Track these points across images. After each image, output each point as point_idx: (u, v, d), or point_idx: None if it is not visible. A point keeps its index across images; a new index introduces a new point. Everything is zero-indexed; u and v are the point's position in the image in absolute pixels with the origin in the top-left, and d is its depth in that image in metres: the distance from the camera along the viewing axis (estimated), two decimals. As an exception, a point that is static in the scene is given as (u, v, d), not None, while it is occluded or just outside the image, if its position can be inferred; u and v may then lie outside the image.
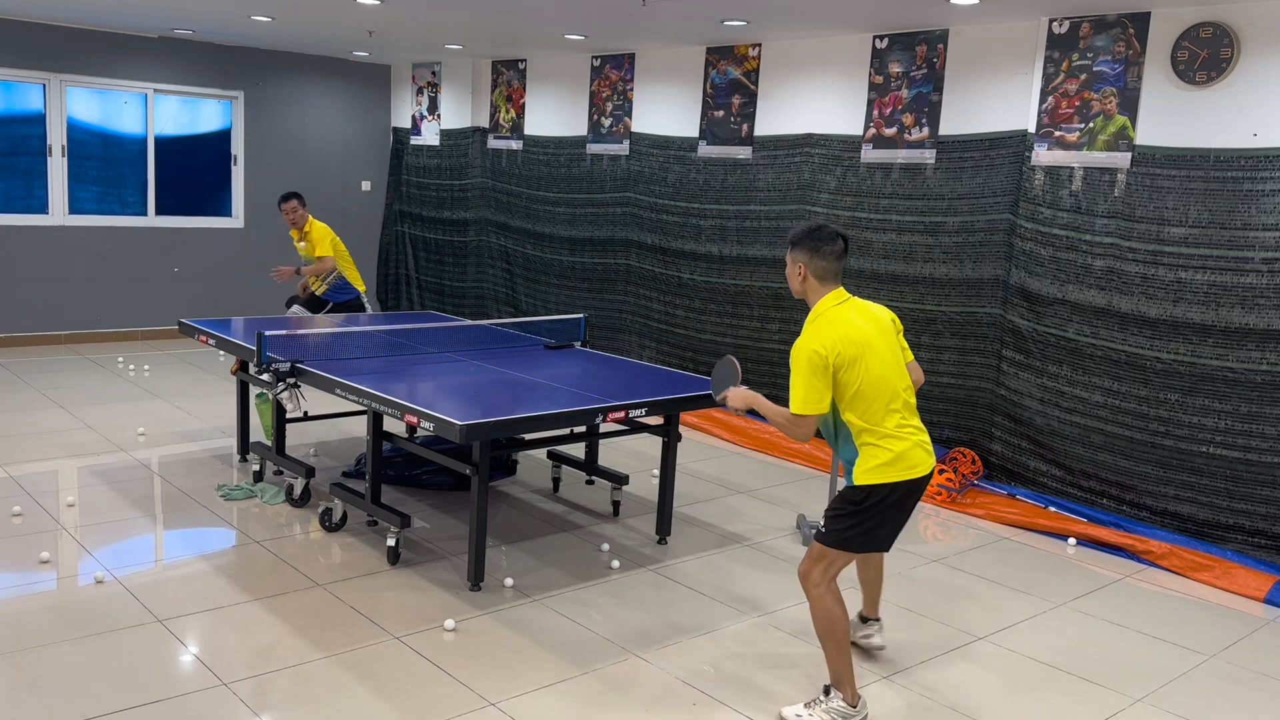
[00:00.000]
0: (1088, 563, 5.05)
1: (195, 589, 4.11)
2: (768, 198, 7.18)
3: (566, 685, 3.50)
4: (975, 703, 3.55)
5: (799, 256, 3.34)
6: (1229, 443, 5.03)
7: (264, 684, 3.40)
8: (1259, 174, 4.88)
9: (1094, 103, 5.46)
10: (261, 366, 4.77)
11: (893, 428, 3.27)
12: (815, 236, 3.33)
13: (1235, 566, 4.86)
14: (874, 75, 6.53)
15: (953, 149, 6.14)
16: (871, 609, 3.89)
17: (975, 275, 6.06)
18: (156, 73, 9.17)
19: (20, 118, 8.68)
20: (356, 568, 4.42)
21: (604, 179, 8.43)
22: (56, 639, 3.62)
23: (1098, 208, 5.44)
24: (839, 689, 3.33)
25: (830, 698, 3.33)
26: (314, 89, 10.11)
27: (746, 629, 4.03)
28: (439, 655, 3.66)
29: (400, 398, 4.14)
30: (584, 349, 5.73)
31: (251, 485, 5.38)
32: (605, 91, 8.39)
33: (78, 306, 9.02)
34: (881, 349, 3.31)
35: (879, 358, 3.29)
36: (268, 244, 9.92)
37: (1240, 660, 4.03)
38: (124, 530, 4.72)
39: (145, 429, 6.36)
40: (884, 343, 3.35)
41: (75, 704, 3.20)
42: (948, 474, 5.86)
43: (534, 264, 9.13)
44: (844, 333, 3.25)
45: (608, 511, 5.36)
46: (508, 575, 4.39)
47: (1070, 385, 5.62)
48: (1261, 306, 4.89)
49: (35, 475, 5.40)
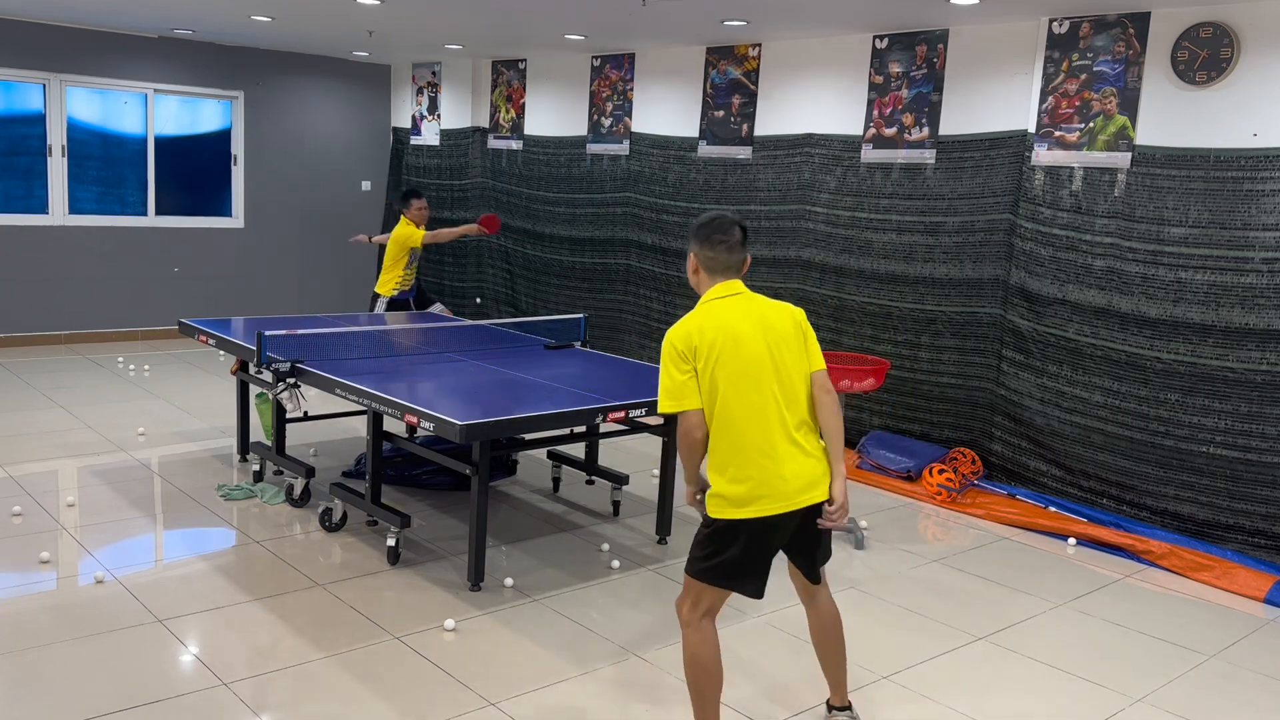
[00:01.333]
0: (1088, 563, 5.05)
1: (195, 589, 4.11)
2: (768, 198, 7.18)
3: (566, 685, 3.50)
4: (975, 703, 3.55)
5: (692, 247, 3.04)
6: (1229, 443, 5.03)
7: (264, 684, 3.40)
8: (1259, 174, 4.88)
9: (1094, 103, 5.46)
10: (262, 366, 4.77)
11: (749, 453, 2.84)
12: (708, 227, 3.00)
13: (1235, 566, 4.86)
14: (874, 75, 6.53)
15: (953, 149, 6.14)
16: (838, 695, 3.26)
17: (975, 275, 6.06)
18: (156, 73, 9.17)
19: (20, 118, 8.68)
20: (356, 568, 4.42)
21: (604, 179, 8.43)
22: (56, 639, 3.63)
23: (1098, 208, 5.44)
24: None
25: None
26: (314, 89, 10.11)
27: (746, 629, 4.03)
28: (439, 655, 3.66)
29: (400, 398, 4.14)
30: (584, 349, 5.73)
31: (251, 485, 5.38)
32: (605, 91, 8.40)
33: (78, 306, 9.02)
34: (751, 350, 2.88)
35: (745, 357, 2.86)
36: (268, 244, 9.94)
37: (1240, 660, 4.03)
38: (124, 530, 4.72)
39: (145, 429, 6.36)
40: (760, 345, 2.89)
41: (75, 704, 3.20)
42: (948, 474, 5.86)
43: (534, 264, 9.13)
44: (701, 323, 2.89)
45: (608, 511, 5.36)
46: (508, 575, 4.39)
47: (1070, 385, 5.62)
48: (1261, 306, 4.89)
49: (35, 475, 5.40)
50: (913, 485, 5.98)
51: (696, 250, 3.03)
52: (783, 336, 2.95)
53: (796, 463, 2.88)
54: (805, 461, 2.90)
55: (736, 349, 2.88)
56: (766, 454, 2.85)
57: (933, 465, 5.95)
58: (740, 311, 2.94)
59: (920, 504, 5.81)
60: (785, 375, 2.92)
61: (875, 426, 6.60)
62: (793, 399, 2.92)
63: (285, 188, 10.02)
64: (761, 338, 2.91)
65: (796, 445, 2.89)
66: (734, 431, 2.86)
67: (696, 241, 3.03)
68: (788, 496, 2.85)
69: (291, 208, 10.09)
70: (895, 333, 6.43)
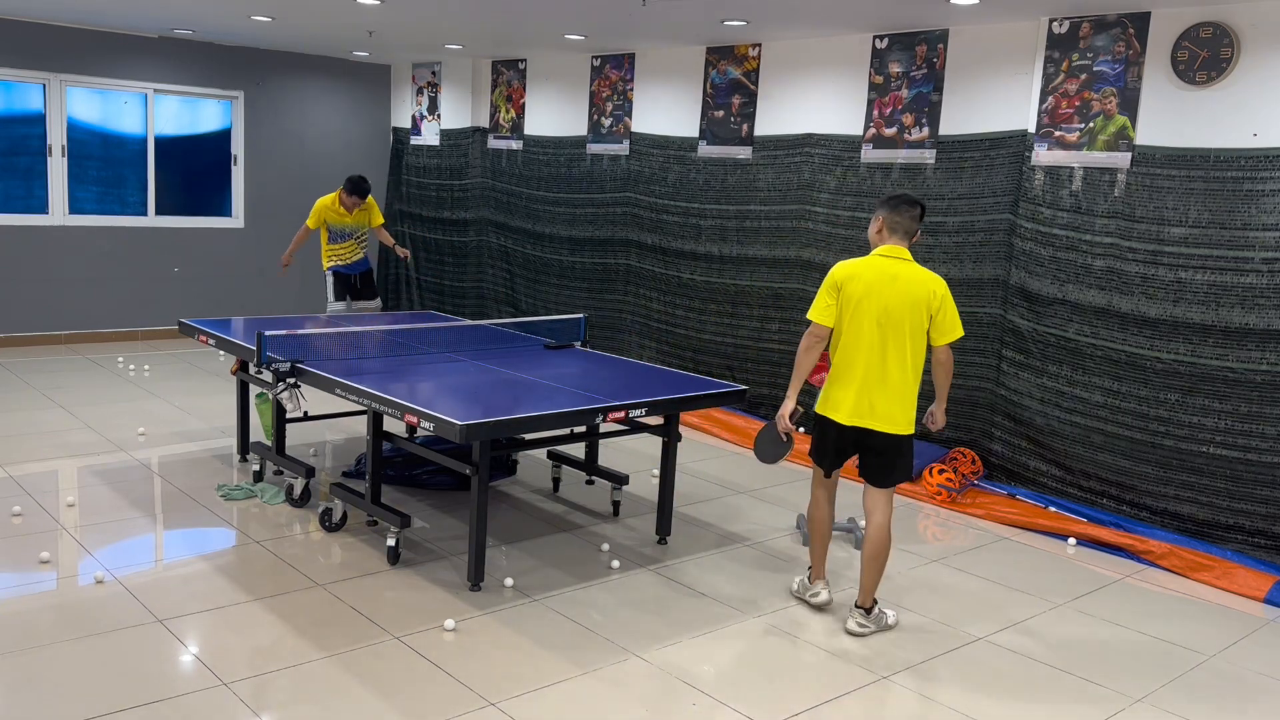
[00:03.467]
0: (1088, 563, 5.05)
1: (195, 589, 4.11)
2: (768, 198, 7.18)
3: (566, 685, 3.50)
4: (975, 703, 3.55)
5: (881, 211, 3.95)
6: (1229, 443, 5.03)
7: (264, 684, 3.40)
8: (1259, 174, 4.88)
9: (1094, 103, 5.46)
10: (262, 366, 4.77)
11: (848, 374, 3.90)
12: (898, 198, 3.95)
13: (1235, 566, 4.86)
14: (874, 75, 6.53)
15: (953, 149, 6.14)
16: (863, 596, 4.06)
17: (975, 275, 6.06)
18: (156, 73, 9.17)
19: (20, 118, 8.68)
20: (356, 568, 4.42)
21: (604, 179, 8.43)
22: (56, 639, 3.62)
23: (1098, 208, 5.44)
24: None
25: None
26: (314, 89, 10.11)
27: (746, 629, 4.03)
28: (439, 655, 3.66)
29: (400, 398, 4.14)
30: (584, 349, 5.73)
31: (251, 485, 5.38)
32: (605, 91, 8.40)
33: (78, 306, 9.02)
34: (878, 305, 3.83)
35: (874, 307, 3.83)
36: (268, 244, 9.93)
37: (1240, 660, 4.03)
38: (124, 530, 4.72)
39: (145, 429, 6.36)
40: (887, 302, 3.82)
41: (75, 704, 3.20)
42: (947, 474, 5.86)
43: (534, 264, 9.13)
44: (859, 270, 3.88)
45: (608, 511, 5.36)
46: (508, 575, 4.39)
47: (1070, 385, 5.62)
48: (1261, 306, 4.89)
49: (35, 475, 5.40)
50: (913, 485, 5.98)
51: (886, 214, 3.94)
52: (912, 301, 3.84)
53: (874, 395, 3.88)
54: (881, 397, 3.88)
55: (870, 298, 3.84)
56: (858, 379, 3.89)
57: (933, 465, 5.95)
58: (890, 272, 3.86)
59: (920, 504, 5.81)
60: (897, 331, 3.84)
61: (875, 426, 6.59)
62: (899, 350, 3.86)
63: (285, 188, 10.02)
64: (894, 296, 3.83)
65: (883, 384, 3.87)
66: (844, 355, 3.93)
67: (887, 208, 3.95)
68: (858, 414, 3.91)
69: (291, 208, 10.07)
70: (895, 333, 6.43)
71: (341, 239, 7.48)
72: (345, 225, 7.45)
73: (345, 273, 7.56)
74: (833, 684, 3.61)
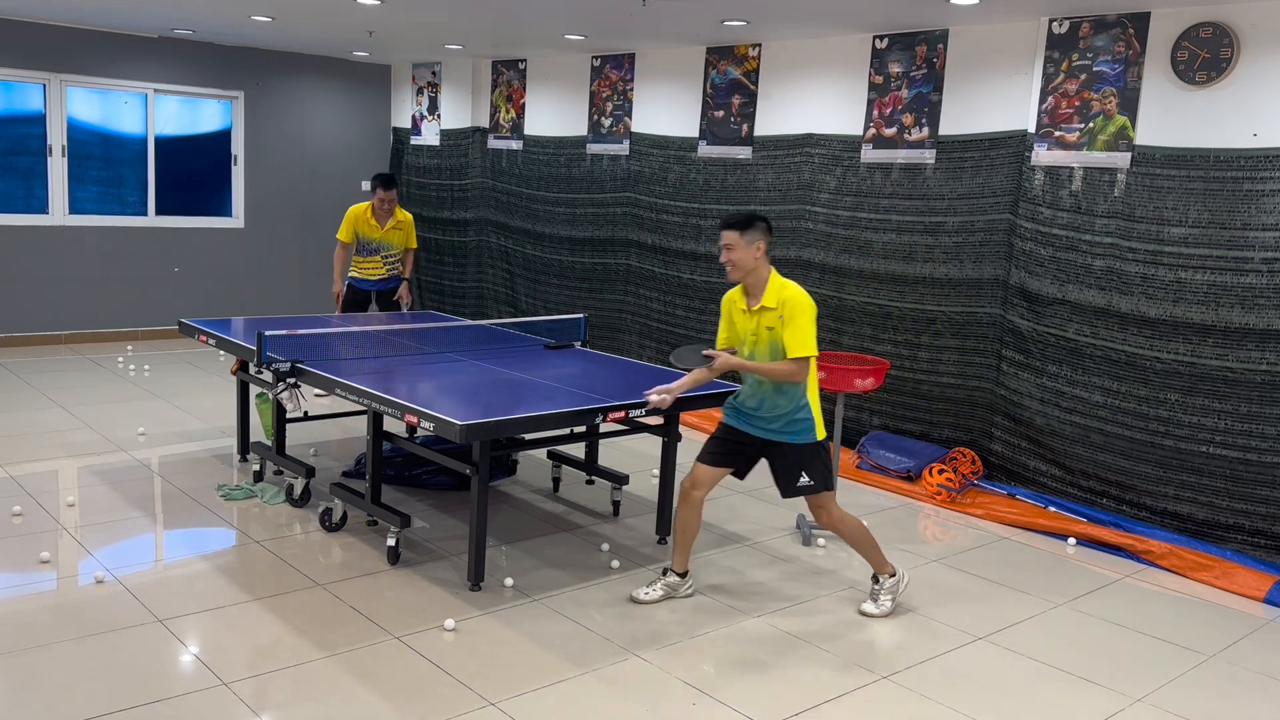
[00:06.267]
0: (1088, 563, 5.05)
1: (195, 589, 4.11)
2: (768, 198, 7.18)
3: (566, 685, 3.50)
4: (975, 703, 3.55)
5: (762, 236, 3.96)
6: (1229, 443, 5.04)
7: (264, 684, 3.40)
8: (1259, 174, 4.88)
9: (1094, 103, 5.46)
10: (262, 366, 4.77)
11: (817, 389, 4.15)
12: (767, 222, 4.01)
13: (1235, 566, 4.86)
14: (874, 75, 6.53)
15: (952, 149, 6.14)
16: (878, 570, 4.27)
17: (975, 275, 6.06)
18: (156, 73, 9.17)
19: (20, 118, 8.68)
20: (356, 568, 4.42)
21: (604, 179, 8.43)
22: (56, 639, 3.63)
23: (1098, 208, 5.44)
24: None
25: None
26: (314, 89, 10.11)
27: (746, 629, 4.03)
28: (439, 655, 3.66)
29: (400, 398, 4.14)
30: (584, 349, 5.73)
31: (251, 485, 5.38)
32: (605, 91, 8.40)
33: (78, 306, 9.02)
34: None
35: None
36: (268, 244, 9.94)
37: (1240, 660, 4.03)
38: (124, 530, 4.72)
39: (145, 429, 6.36)
40: None
41: (75, 704, 3.20)
42: (947, 474, 5.86)
43: (534, 264, 9.13)
44: None
45: (608, 511, 5.36)
46: (508, 575, 4.39)
47: (1070, 385, 5.62)
48: (1261, 306, 4.89)
49: (35, 475, 5.40)
50: (912, 485, 5.98)
51: (765, 240, 3.97)
52: None
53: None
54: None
55: None
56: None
57: (932, 465, 5.95)
58: None
59: (920, 504, 5.81)
60: None
61: (875, 426, 6.60)
62: None
63: (285, 188, 10.02)
64: None
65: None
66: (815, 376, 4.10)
67: (767, 233, 3.97)
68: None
69: (291, 208, 10.09)
70: (895, 333, 6.43)
71: (368, 253, 6.99)
72: (374, 240, 6.96)
73: (362, 287, 7.10)
74: (833, 684, 3.62)
